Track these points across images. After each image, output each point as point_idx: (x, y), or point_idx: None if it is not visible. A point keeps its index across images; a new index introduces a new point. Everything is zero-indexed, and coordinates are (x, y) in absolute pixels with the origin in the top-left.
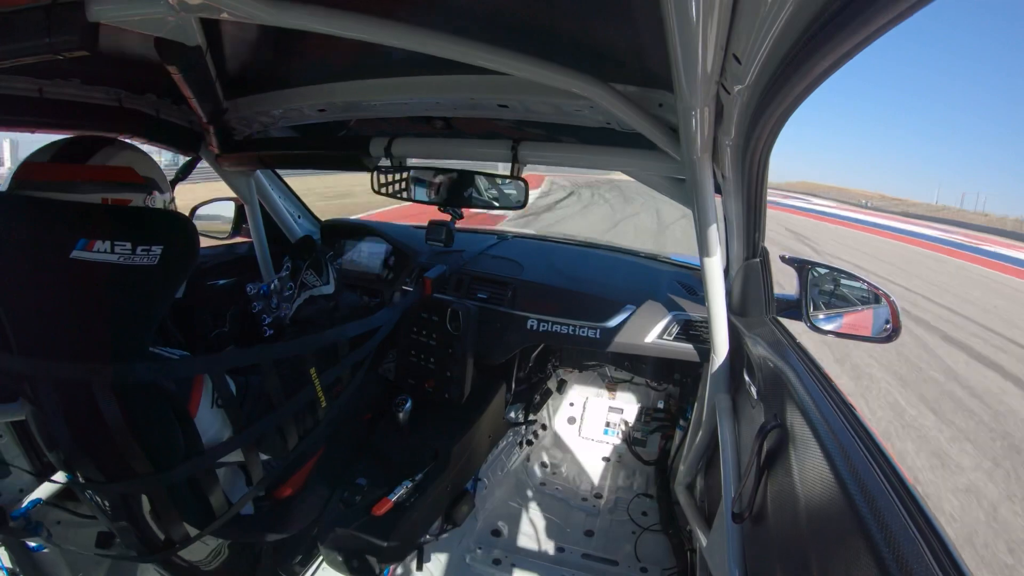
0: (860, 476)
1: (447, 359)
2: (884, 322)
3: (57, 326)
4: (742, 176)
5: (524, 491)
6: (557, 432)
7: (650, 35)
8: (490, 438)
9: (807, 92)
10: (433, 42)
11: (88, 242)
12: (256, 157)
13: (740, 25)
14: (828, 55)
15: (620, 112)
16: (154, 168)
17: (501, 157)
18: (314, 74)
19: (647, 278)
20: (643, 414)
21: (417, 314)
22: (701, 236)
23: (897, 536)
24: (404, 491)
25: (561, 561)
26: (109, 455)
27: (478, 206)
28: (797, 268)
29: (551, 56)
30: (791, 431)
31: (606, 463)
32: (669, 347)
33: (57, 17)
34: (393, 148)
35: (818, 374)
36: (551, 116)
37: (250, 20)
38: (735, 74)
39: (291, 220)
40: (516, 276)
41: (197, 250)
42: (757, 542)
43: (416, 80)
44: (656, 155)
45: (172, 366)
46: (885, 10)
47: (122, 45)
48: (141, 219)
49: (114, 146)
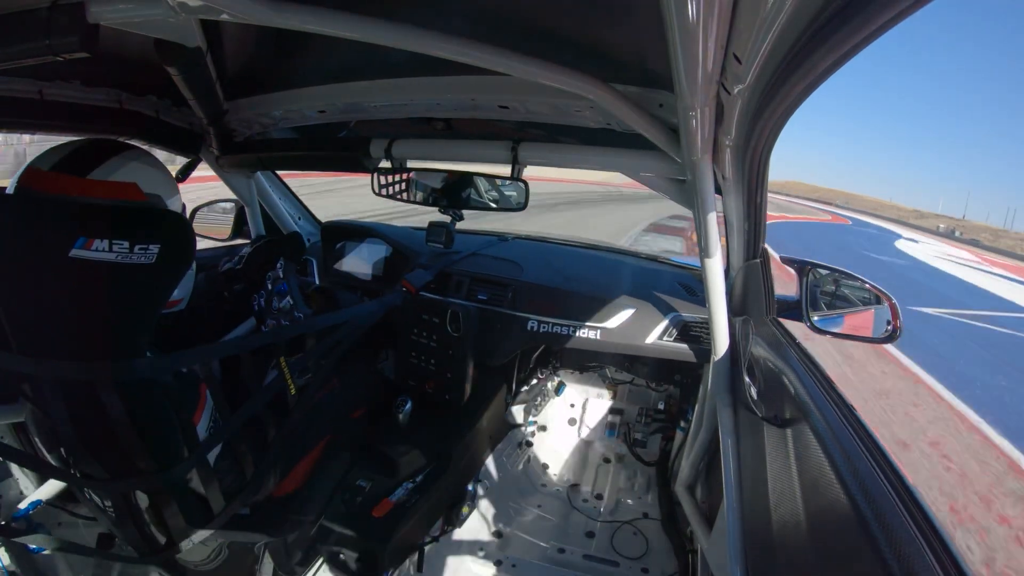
0: (861, 476)
1: (447, 360)
2: (885, 322)
3: (56, 324)
4: (742, 176)
5: (525, 492)
6: (558, 433)
7: (650, 35)
8: (490, 439)
9: (807, 92)
10: (433, 43)
11: (87, 240)
12: (256, 158)
13: (740, 25)
14: (828, 55)
15: (620, 112)
16: (160, 182)
17: (501, 158)
18: (314, 75)
19: (647, 279)
20: (644, 415)
21: (417, 315)
22: (701, 237)
23: (899, 536)
24: (404, 492)
25: (562, 562)
26: (113, 453)
27: (478, 207)
28: (797, 269)
29: (551, 56)
30: (791, 431)
31: (607, 464)
32: (669, 348)
33: (57, 18)
34: (393, 149)
35: (818, 375)
36: (551, 117)
37: (250, 21)
38: (735, 74)
39: (291, 221)
40: (516, 277)
41: (194, 249)
42: (758, 543)
43: (416, 81)
44: (656, 156)
45: (167, 360)
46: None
47: (122, 46)
48: (139, 218)
49: (120, 157)
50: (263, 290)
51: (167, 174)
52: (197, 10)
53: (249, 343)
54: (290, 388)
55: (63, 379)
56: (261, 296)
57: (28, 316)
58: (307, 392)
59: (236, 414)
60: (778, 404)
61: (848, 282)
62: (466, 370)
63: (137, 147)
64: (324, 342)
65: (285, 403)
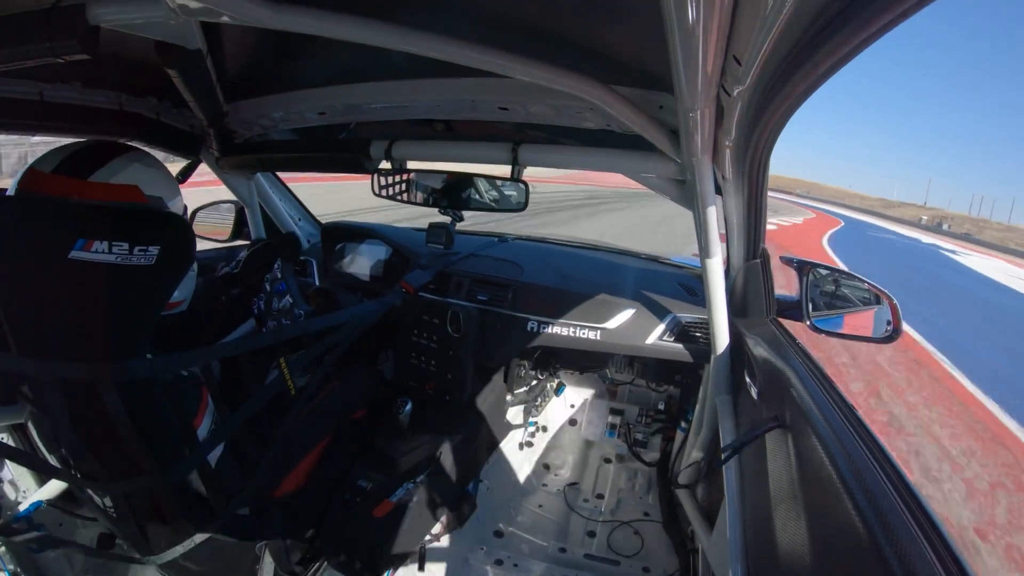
0: (861, 476)
1: (448, 361)
2: (885, 322)
3: (56, 326)
4: (742, 177)
5: (525, 492)
6: (558, 434)
7: (650, 37)
8: (491, 440)
9: (807, 93)
10: (433, 45)
11: (87, 242)
12: (256, 160)
13: (740, 27)
14: (828, 56)
15: (621, 114)
16: (161, 184)
17: (502, 160)
18: (314, 77)
19: (647, 279)
20: (644, 415)
21: (418, 316)
22: (702, 237)
23: (899, 536)
24: (405, 492)
25: (563, 561)
26: (114, 453)
27: (478, 208)
28: (797, 269)
29: (551, 58)
30: (792, 432)
31: (607, 464)
32: (670, 348)
33: (57, 20)
34: (393, 151)
35: (819, 375)
36: (551, 118)
37: (250, 23)
38: (735, 76)
39: (291, 223)
40: (516, 278)
41: (193, 251)
42: (759, 542)
43: (416, 83)
44: (657, 157)
45: (168, 360)
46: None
47: (123, 48)
48: (139, 220)
49: (122, 159)
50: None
51: (168, 176)
52: (197, 12)
53: (249, 343)
54: (290, 388)
55: (64, 380)
56: (260, 299)
57: (28, 317)
58: (307, 392)
59: (236, 414)
60: (778, 404)
61: (848, 282)
62: (466, 371)
63: (139, 149)
64: (323, 342)
65: (286, 403)
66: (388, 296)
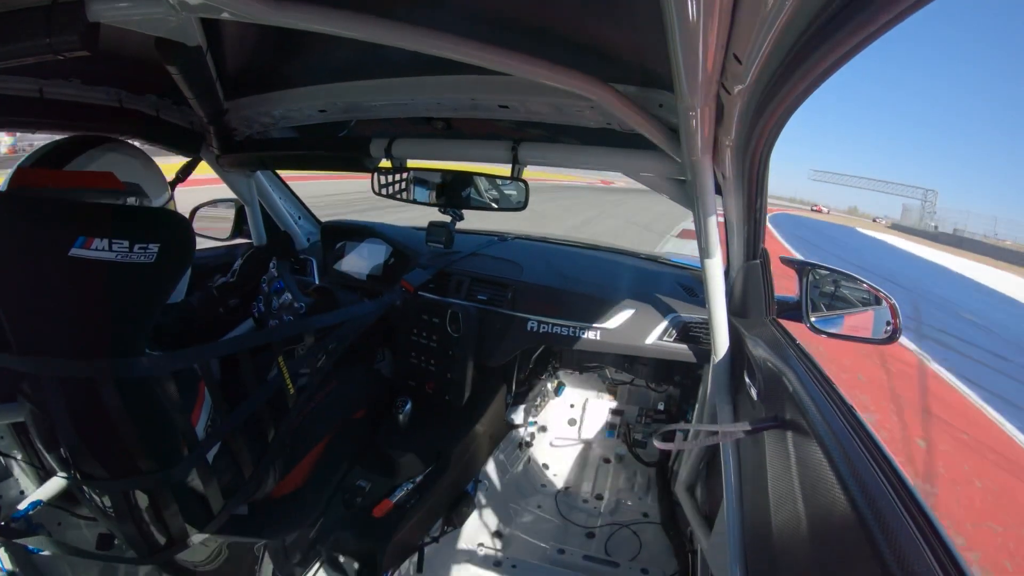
0: (861, 477)
1: (447, 361)
2: (885, 323)
3: (56, 323)
4: (742, 177)
5: (525, 493)
6: (558, 434)
7: (650, 35)
8: (490, 440)
9: (807, 92)
10: (434, 42)
11: (86, 240)
12: (256, 158)
13: (741, 25)
14: (828, 55)
15: (620, 112)
16: (141, 172)
17: (502, 158)
18: (315, 75)
19: (647, 279)
20: (644, 416)
21: (417, 316)
22: (701, 237)
23: (898, 537)
24: (405, 493)
25: (562, 562)
26: (114, 452)
27: (478, 207)
28: (797, 269)
29: (551, 56)
30: (792, 432)
31: (607, 464)
32: (669, 348)
33: (57, 17)
34: (393, 149)
35: (818, 375)
36: (552, 117)
37: (251, 20)
38: (736, 74)
39: (291, 221)
40: (516, 278)
41: (193, 249)
42: (758, 543)
43: (416, 81)
44: (656, 156)
45: (168, 358)
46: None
47: (122, 45)
48: (139, 218)
49: (99, 148)
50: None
51: (152, 167)
52: (197, 8)
53: (248, 341)
54: (289, 388)
55: (63, 377)
56: (259, 301)
57: (28, 315)
58: (306, 392)
59: (234, 412)
60: (778, 405)
61: (847, 283)
62: (466, 371)
63: (118, 140)
64: (323, 341)
65: (285, 403)
66: (388, 295)
